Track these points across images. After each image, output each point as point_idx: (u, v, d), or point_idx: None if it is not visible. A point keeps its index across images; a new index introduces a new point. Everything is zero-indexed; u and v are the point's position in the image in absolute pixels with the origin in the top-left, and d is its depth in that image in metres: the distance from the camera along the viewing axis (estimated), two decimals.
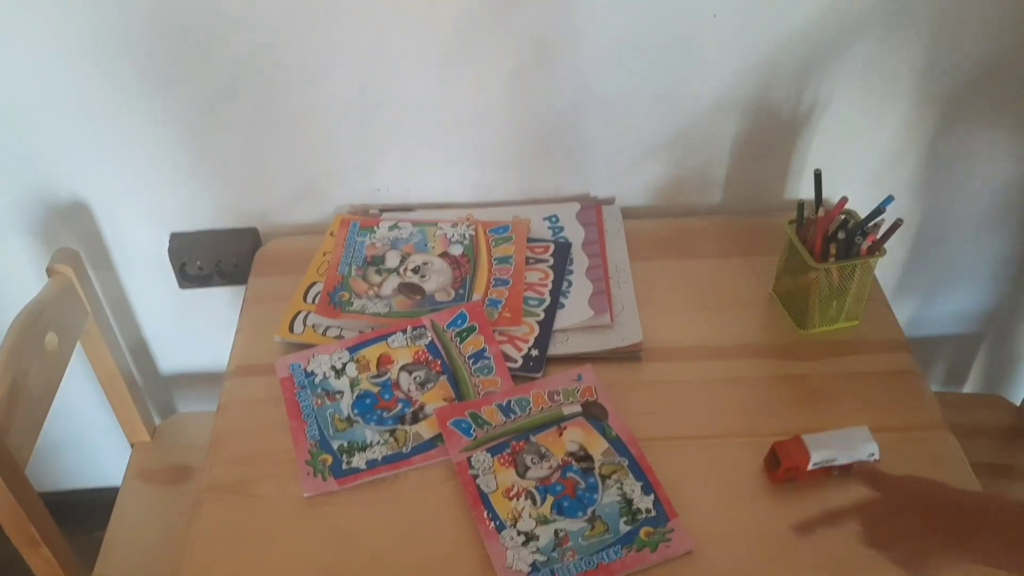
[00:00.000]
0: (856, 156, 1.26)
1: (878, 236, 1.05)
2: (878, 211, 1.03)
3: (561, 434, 1.00)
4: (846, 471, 0.95)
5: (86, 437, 1.55)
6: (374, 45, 1.13)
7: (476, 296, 1.15)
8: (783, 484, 0.95)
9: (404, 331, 1.11)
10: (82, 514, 1.40)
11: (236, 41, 1.11)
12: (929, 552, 0.67)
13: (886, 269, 1.36)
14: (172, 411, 1.53)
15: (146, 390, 1.48)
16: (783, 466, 0.93)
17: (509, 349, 1.09)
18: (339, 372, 1.07)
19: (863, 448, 0.94)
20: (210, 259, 1.29)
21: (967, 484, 0.96)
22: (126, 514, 1.27)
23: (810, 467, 0.93)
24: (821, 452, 0.92)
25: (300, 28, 1.10)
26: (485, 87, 1.17)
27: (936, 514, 0.68)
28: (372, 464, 0.98)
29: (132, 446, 1.35)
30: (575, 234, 1.24)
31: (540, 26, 1.12)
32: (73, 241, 1.28)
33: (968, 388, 1.57)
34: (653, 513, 0.92)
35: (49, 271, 1.15)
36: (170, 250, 1.29)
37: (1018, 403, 1.36)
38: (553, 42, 1.13)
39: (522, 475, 0.96)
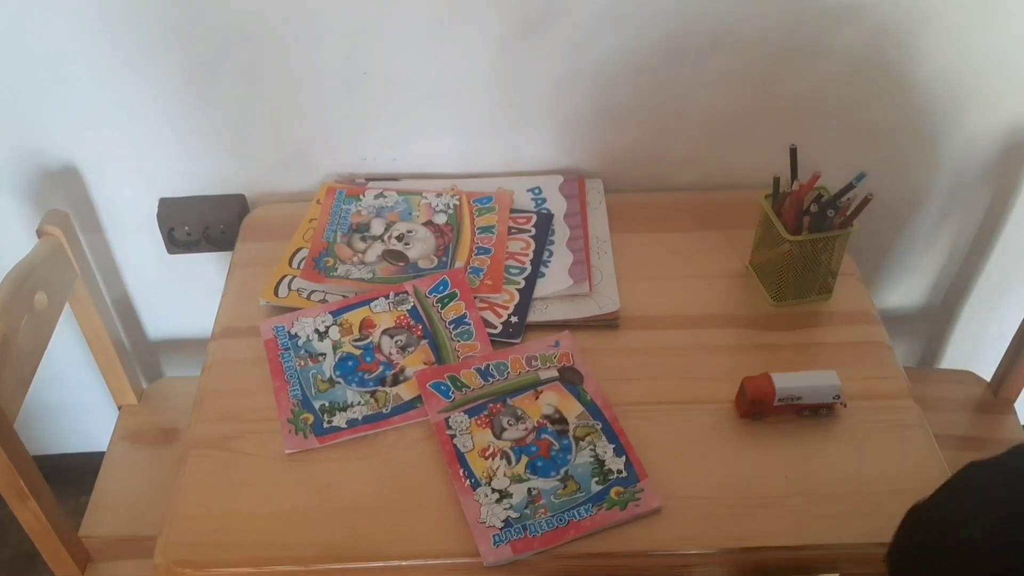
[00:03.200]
0: (832, 134, 1.28)
1: (849, 211, 1.07)
2: (849, 187, 1.06)
3: (537, 397, 1.02)
4: (815, 412, 0.99)
5: (73, 401, 1.58)
6: (362, 14, 1.14)
7: (458, 264, 1.17)
8: (750, 419, 1.00)
9: (387, 296, 1.13)
10: (68, 478, 1.42)
11: (225, 7, 1.13)
12: None
13: (861, 246, 1.39)
14: (159, 375, 1.56)
15: (134, 354, 1.50)
16: (748, 398, 0.97)
17: (489, 315, 1.11)
18: (322, 335, 1.09)
19: (830, 390, 0.98)
20: (198, 225, 1.31)
21: (930, 452, 0.99)
22: (113, 474, 1.29)
23: (776, 402, 0.97)
24: (786, 387, 0.97)
25: None
26: (471, 57, 1.19)
27: None
28: (352, 423, 1.00)
29: (119, 408, 1.38)
30: (557, 206, 1.26)
31: None
32: (63, 203, 1.29)
33: (944, 366, 1.61)
34: (624, 474, 0.95)
35: (39, 232, 1.17)
36: (159, 215, 1.31)
37: (989, 379, 1.40)
38: (539, 13, 1.15)
39: (498, 436, 0.99)
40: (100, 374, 1.35)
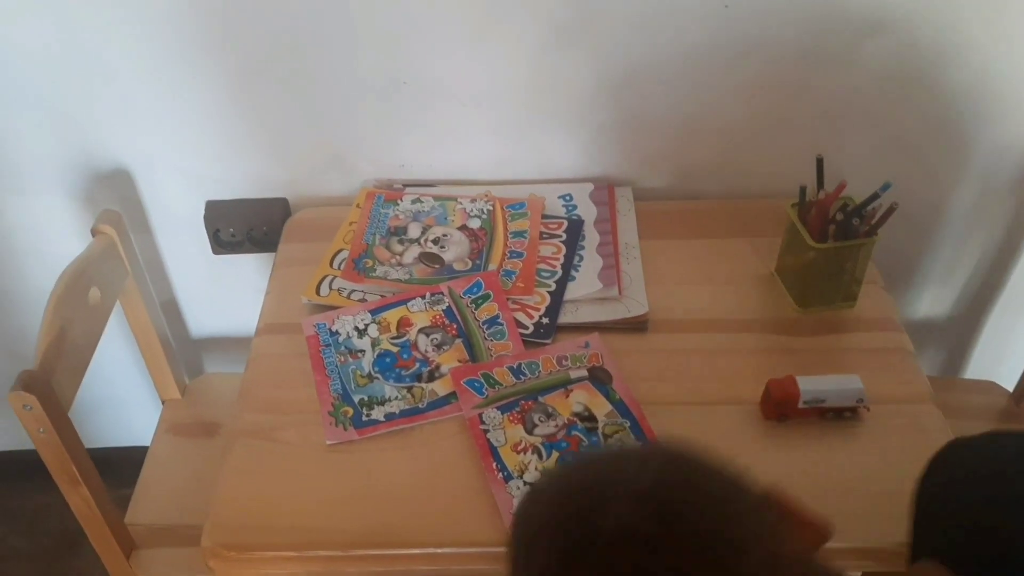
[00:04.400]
0: (858, 143, 1.31)
1: (874, 220, 1.10)
2: (874, 196, 1.09)
3: (568, 396, 1.06)
4: (839, 415, 1.02)
5: (116, 397, 1.63)
6: (403, 25, 1.19)
7: (492, 267, 1.21)
8: (775, 420, 1.03)
9: (423, 296, 1.17)
10: (111, 471, 1.47)
11: (273, 18, 1.18)
12: None
13: (887, 255, 1.41)
14: (200, 372, 1.61)
15: (177, 351, 1.55)
16: (773, 399, 1.00)
17: (521, 316, 1.15)
18: (361, 332, 1.14)
19: (853, 393, 1.01)
20: (242, 226, 1.36)
21: None
22: (157, 465, 1.35)
23: (800, 404, 1.00)
24: (811, 390, 1.00)
25: (334, 6, 1.17)
26: (506, 67, 1.24)
27: None
28: (390, 417, 1.05)
29: (163, 402, 1.43)
30: (588, 212, 1.30)
31: (561, 8, 1.18)
32: (114, 204, 1.35)
33: (967, 376, 1.62)
34: None
35: (93, 231, 1.22)
36: (205, 217, 1.36)
37: (1012, 389, 1.41)
38: (573, 24, 1.19)
39: (530, 432, 1.02)
40: (143, 371, 1.41)
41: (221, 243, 1.38)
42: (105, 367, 1.55)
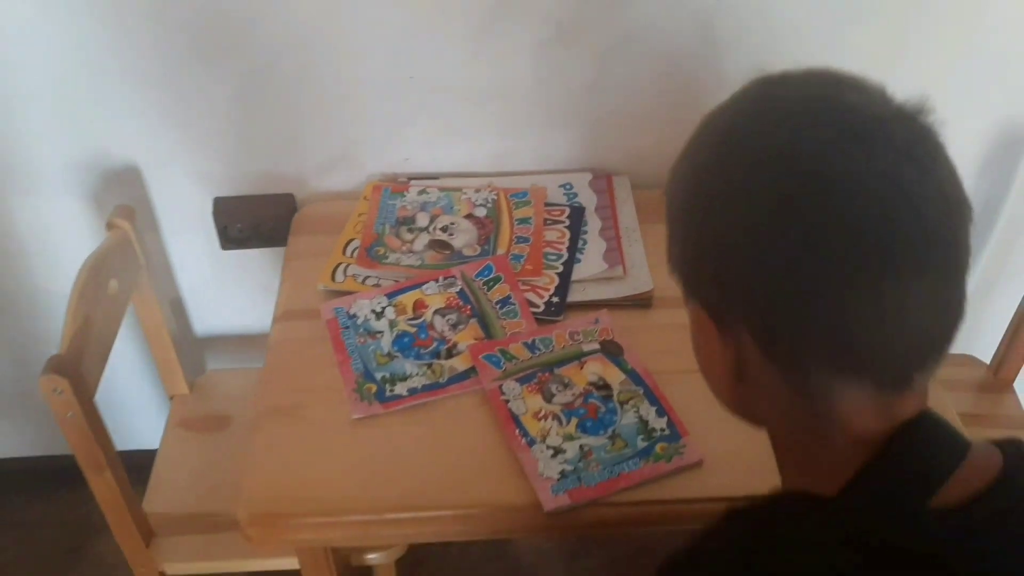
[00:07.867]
0: None
1: None
2: None
3: (582, 367, 1.11)
4: None
5: (117, 400, 1.64)
6: (408, 22, 1.24)
7: (500, 251, 1.26)
8: None
9: (436, 280, 1.22)
10: None
11: (280, 14, 1.22)
12: None
13: None
14: (202, 371, 1.62)
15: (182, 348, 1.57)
16: None
17: (532, 296, 1.20)
18: (379, 315, 1.17)
19: None
20: (250, 222, 1.39)
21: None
22: (169, 457, 1.36)
23: None
24: None
25: (340, 4, 1.22)
26: (509, 63, 1.29)
27: None
28: (413, 391, 1.08)
29: (171, 398, 1.45)
30: (588, 200, 1.35)
31: (561, 7, 1.24)
32: (123, 202, 1.37)
33: None
34: (667, 432, 1.03)
35: (109, 225, 1.24)
36: (214, 213, 1.39)
37: (988, 362, 1.49)
38: (574, 20, 1.25)
39: (548, 401, 1.07)
40: (144, 372, 1.42)
41: (229, 238, 1.41)
42: (108, 367, 1.56)
